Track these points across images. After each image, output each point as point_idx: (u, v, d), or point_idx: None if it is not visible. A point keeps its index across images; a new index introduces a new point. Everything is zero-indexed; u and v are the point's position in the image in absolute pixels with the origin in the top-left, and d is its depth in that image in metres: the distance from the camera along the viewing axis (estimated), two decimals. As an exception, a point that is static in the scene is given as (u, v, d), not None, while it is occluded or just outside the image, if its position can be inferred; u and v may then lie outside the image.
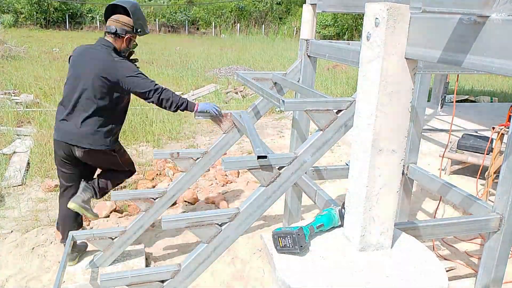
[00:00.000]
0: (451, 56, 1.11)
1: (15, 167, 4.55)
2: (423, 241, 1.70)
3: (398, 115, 1.31)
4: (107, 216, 3.71)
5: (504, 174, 2.19)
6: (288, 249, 1.42)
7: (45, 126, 5.94)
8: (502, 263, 2.28)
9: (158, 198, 2.77)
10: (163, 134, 6.07)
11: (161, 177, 4.57)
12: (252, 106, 2.88)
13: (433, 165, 4.63)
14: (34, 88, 8.47)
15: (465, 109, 7.86)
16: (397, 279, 1.31)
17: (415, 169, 3.01)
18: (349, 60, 2.22)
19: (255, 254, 3.24)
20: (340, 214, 1.58)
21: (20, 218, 3.59)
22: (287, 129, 6.67)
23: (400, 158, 1.37)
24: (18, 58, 12.79)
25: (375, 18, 1.23)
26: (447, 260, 3.16)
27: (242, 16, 34.47)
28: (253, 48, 19.14)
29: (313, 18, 2.75)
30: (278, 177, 1.92)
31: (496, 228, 2.22)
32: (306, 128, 3.01)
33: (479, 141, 4.55)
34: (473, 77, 12.72)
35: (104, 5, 33.99)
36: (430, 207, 4.00)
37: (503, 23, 0.97)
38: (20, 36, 18.92)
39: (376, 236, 1.43)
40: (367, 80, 1.31)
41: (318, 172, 3.02)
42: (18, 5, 28.44)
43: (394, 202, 1.42)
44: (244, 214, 1.94)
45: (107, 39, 2.69)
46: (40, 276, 2.89)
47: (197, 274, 2.01)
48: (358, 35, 29.65)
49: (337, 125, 1.93)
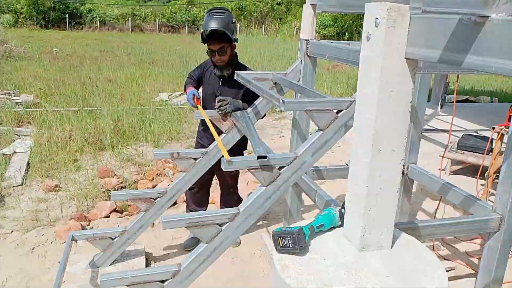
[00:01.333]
0: (451, 56, 1.11)
1: (15, 167, 4.55)
2: (423, 241, 1.70)
3: (398, 115, 1.31)
4: (107, 216, 3.71)
5: (504, 174, 2.19)
6: (288, 249, 1.42)
7: (45, 126, 5.95)
8: (502, 263, 2.28)
9: (158, 198, 2.77)
10: (163, 134, 6.07)
11: (161, 177, 4.57)
12: (252, 106, 2.88)
13: (433, 165, 4.63)
14: (34, 88, 8.48)
15: (465, 109, 7.86)
16: (397, 279, 1.31)
17: (415, 169, 3.01)
18: (349, 60, 2.22)
19: (255, 254, 3.24)
20: (340, 214, 1.58)
21: (20, 218, 3.59)
22: (287, 129, 6.67)
23: (400, 158, 1.37)
24: (18, 58, 12.78)
25: (375, 18, 1.23)
26: (447, 260, 3.16)
27: (242, 16, 34.47)
28: (253, 48, 19.13)
29: (313, 18, 2.75)
30: (278, 177, 1.92)
31: (496, 228, 2.22)
32: (306, 128, 3.01)
33: (479, 141, 4.55)
34: (473, 77, 12.72)
35: (104, 5, 33.97)
36: (430, 207, 4.00)
37: (503, 23, 0.97)
38: (20, 36, 18.91)
39: (376, 236, 1.43)
40: (367, 80, 1.31)
41: (318, 172, 3.02)
42: (18, 5, 28.45)
43: (394, 202, 1.42)
44: (244, 214, 1.94)
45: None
46: (40, 276, 2.89)
47: (197, 274, 2.01)
48: (358, 35, 29.63)
49: (337, 125, 1.93)
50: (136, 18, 32.49)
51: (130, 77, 10.55)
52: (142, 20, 32.61)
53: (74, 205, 3.89)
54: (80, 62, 12.66)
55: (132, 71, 11.41)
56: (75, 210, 3.80)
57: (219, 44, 2.85)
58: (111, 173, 4.49)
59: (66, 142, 5.34)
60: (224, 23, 2.77)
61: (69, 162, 4.80)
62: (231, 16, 2.87)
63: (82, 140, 5.45)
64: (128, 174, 4.60)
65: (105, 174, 4.45)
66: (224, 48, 2.87)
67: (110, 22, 31.37)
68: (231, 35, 2.82)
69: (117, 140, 5.62)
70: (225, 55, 2.89)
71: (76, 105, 7.26)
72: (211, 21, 2.78)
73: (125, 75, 10.79)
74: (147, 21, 32.85)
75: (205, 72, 3.12)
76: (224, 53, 2.88)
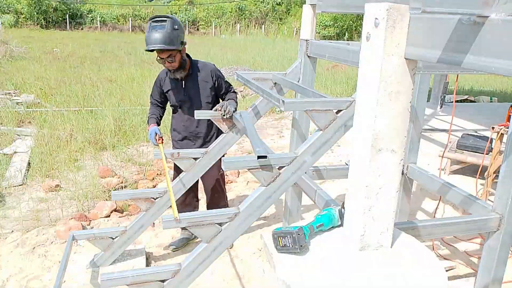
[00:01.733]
0: (451, 56, 1.11)
1: (15, 167, 4.55)
2: (423, 240, 1.71)
3: (398, 115, 1.31)
4: (107, 216, 3.72)
5: (503, 174, 2.19)
6: (288, 248, 1.42)
7: (45, 126, 5.95)
8: (502, 263, 2.28)
9: (158, 198, 2.77)
10: (163, 134, 6.06)
11: (161, 177, 4.58)
12: (252, 106, 2.88)
13: (432, 165, 4.63)
14: (35, 88, 8.48)
15: (464, 109, 7.86)
16: (397, 279, 1.31)
17: (415, 169, 3.01)
18: (349, 60, 2.22)
19: (255, 254, 3.24)
20: (340, 214, 1.58)
21: (20, 218, 3.60)
22: (287, 129, 6.67)
23: (400, 158, 1.37)
24: (19, 58, 12.80)
25: (375, 18, 1.24)
26: (447, 259, 3.16)
27: (242, 17, 34.48)
28: (253, 48, 19.14)
29: (313, 18, 2.75)
30: (278, 177, 1.92)
31: (495, 228, 2.22)
32: (306, 128, 3.01)
33: (479, 141, 4.55)
34: (472, 77, 12.72)
35: (104, 6, 34.02)
36: (430, 207, 4.00)
37: (502, 23, 0.97)
38: (20, 37, 18.92)
39: (376, 235, 1.43)
40: (367, 80, 1.31)
41: (318, 172, 3.03)
42: (18, 6, 28.46)
43: (394, 202, 1.42)
44: (244, 214, 1.94)
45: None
46: (41, 276, 2.89)
47: (197, 274, 2.01)
48: (358, 35, 29.64)
49: (337, 125, 1.94)
50: (137, 18, 32.50)
51: (130, 77, 10.55)
52: (142, 20, 32.62)
53: (74, 205, 3.89)
54: (80, 62, 12.68)
55: (132, 71, 11.42)
56: (75, 210, 3.81)
57: (166, 53, 2.82)
58: (112, 173, 4.50)
59: (66, 142, 5.35)
60: (164, 37, 2.71)
61: (69, 162, 4.81)
62: (174, 23, 2.77)
63: (83, 140, 5.45)
64: (128, 174, 4.61)
65: (106, 174, 4.45)
66: (172, 56, 2.84)
67: (111, 22, 31.38)
68: (174, 46, 2.77)
69: (117, 140, 5.63)
70: (174, 61, 2.88)
71: (76, 105, 7.27)
72: (151, 37, 2.74)
73: (126, 75, 10.80)
74: (148, 21, 32.83)
75: (163, 85, 3.10)
76: (173, 60, 2.86)
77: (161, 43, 2.72)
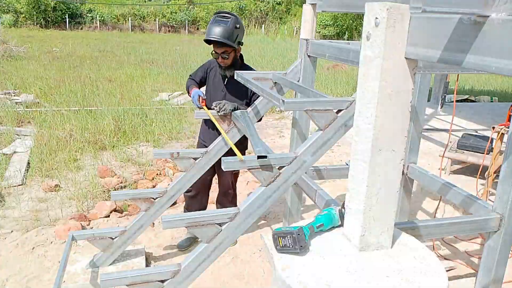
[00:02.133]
0: (451, 56, 1.11)
1: (15, 167, 4.55)
2: (423, 241, 1.70)
3: (398, 115, 1.31)
4: (107, 216, 3.71)
5: (504, 174, 2.19)
6: (288, 249, 1.42)
7: (45, 126, 5.95)
8: (502, 263, 2.28)
9: (158, 198, 2.77)
10: (163, 134, 6.07)
11: (161, 177, 4.58)
12: (252, 106, 2.88)
13: (433, 165, 4.63)
14: (34, 88, 8.48)
15: (465, 109, 7.87)
16: (397, 279, 1.31)
17: (415, 169, 3.01)
18: (349, 60, 2.22)
19: (255, 254, 3.24)
20: (340, 214, 1.58)
21: (20, 218, 3.59)
22: (287, 129, 6.67)
23: (400, 158, 1.37)
24: (19, 58, 12.79)
25: (375, 18, 1.23)
26: (447, 260, 3.16)
27: (242, 16, 34.48)
28: (254, 48, 19.13)
29: (313, 18, 2.75)
30: (278, 177, 1.92)
31: (496, 228, 2.22)
32: (306, 128, 3.01)
33: (479, 141, 4.55)
34: (473, 77, 12.73)
35: (104, 5, 34.01)
36: (430, 207, 4.00)
37: (503, 23, 0.97)
38: (20, 36, 18.92)
39: (376, 236, 1.43)
40: (367, 80, 1.31)
41: (318, 172, 3.02)
42: (17, 5, 28.45)
43: (394, 201, 1.42)
44: (244, 214, 1.94)
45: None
46: (40, 276, 2.89)
47: (197, 274, 2.01)
48: (358, 35, 29.65)
49: (337, 125, 1.93)
50: (136, 18, 32.50)
51: (130, 77, 10.56)
52: (142, 20, 32.63)
53: (74, 205, 3.89)
54: (80, 62, 12.67)
55: (132, 71, 11.42)
56: (75, 210, 3.80)
57: (222, 48, 2.91)
58: (111, 173, 4.49)
59: (66, 142, 5.34)
60: (225, 32, 2.82)
61: (69, 162, 4.81)
62: (237, 21, 2.89)
63: (82, 140, 5.45)
64: (128, 174, 4.60)
65: (105, 174, 4.45)
66: (226, 52, 2.93)
67: (110, 22, 31.38)
68: (233, 43, 2.87)
69: (117, 140, 5.62)
70: (228, 58, 2.96)
71: (76, 105, 7.27)
72: (212, 29, 2.83)
73: (125, 75, 10.80)
74: (147, 21, 32.87)
75: (209, 72, 3.16)
76: (227, 56, 2.95)
77: (220, 36, 2.80)
